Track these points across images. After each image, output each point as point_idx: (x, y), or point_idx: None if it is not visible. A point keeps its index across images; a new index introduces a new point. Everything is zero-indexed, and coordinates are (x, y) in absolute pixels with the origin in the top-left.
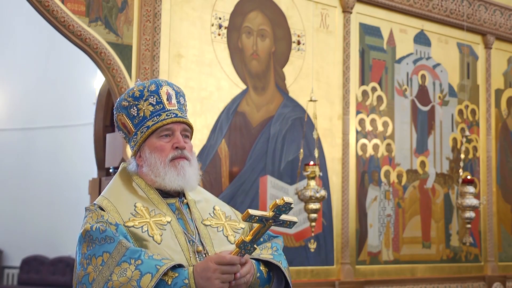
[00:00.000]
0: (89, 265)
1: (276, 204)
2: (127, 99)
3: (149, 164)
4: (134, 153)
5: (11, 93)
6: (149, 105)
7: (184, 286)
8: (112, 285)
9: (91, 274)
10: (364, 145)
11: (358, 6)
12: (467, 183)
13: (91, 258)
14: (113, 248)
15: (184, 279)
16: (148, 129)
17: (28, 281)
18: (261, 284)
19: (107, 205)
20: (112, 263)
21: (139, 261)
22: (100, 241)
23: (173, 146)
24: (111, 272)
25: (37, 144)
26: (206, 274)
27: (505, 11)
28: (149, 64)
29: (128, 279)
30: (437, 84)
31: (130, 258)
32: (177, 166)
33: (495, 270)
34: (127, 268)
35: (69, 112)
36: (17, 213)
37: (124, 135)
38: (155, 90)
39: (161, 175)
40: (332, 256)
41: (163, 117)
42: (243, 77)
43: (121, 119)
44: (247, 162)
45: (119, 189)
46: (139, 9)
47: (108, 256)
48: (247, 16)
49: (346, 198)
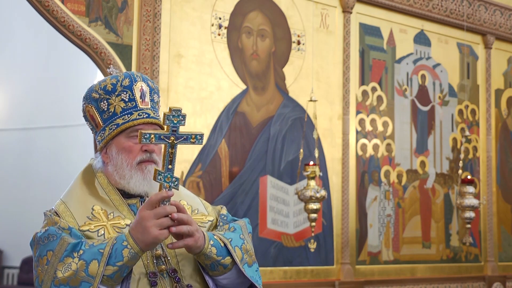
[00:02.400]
0: (38, 267)
1: (164, 114)
2: (98, 91)
3: (115, 164)
4: (100, 148)
5: (11, 93)
6: (120, 101)
7: (125, 248)
8: (60, 282)
9: (40, 276)
10: (364, 145)
11: (358, 6)
12: (467, 183)
13: (38, 259)
14: (56, 245)
15: (123, 242)
16: (117, 127)
17: (28, 281)
18: (219, 253)
19: (63, 210)
20: (55, 260)
21: (81, 251)
22: (44, 241)
23: (142, 148)
24: (55, 269)
25: (37, 144)
26: (141, 225)
27: (505, 11)
28: (149, 64)
29: (75, 272)
30: (437, 84)
31: (72, 252)
32: (144, 170)
33: (495, 270)
34: (71, 262)
35: (69, 112)
36: (17, 213)
37: (91, 127)
38: (129, 86)
39: (126, 178)
40: (332, 256)
41: (135, 117)
42: (243, 77)
43: (90, 111)
44: (247, 162)
45: (78, 191)
46: (139, 9)
47: (52, 254)
48: (247, 16)
49: (346, 198)
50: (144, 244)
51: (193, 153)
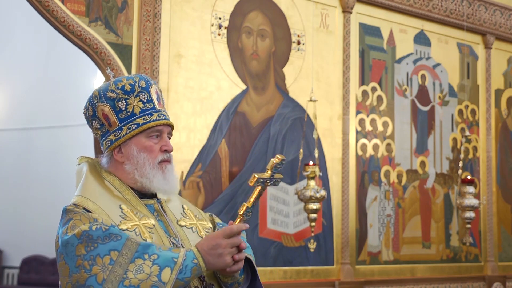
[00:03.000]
0: (93, 265)
1: (274, 163)
2: (116, 91)
3: (135, 162)
4: (113, 147)
5: (11, 93)
6: (139, 102)
7: (195, 266)
8: (130, 283)
9: (99, 275)
10: (364, 145)
11: (358, 6)
12: (467, 183)
13: (94, 258)
14: (121, 245)
15: (193, 260)
16: (138, 127)
17: (28, 281)
18: (241, 273)
19: (93, 208)
20: (124, 261)
21: (155, 256)
22: (104, 240)
23: (162, 148)
24: (126, 269)
25: (37, 144)
26: (217, 251)
27: (505, 11)
28: (149, 64)
29: (148, 275)
30: (437, 84)
31: (143, 253)
32: (164, 170)
33: (495, 270)
34: (143, 264)
35: (69, 112)
36: (17, 213)
37: (100, 126)
38: (146, 88)
39: (149, 176)
40: (332, 256)
41: (155, 118)
42: (243, 77)
43: (104, 109)
44: (247, 162)
45: (98, 189)
46: (139, 9)
47: (118, 254)
48: (247, 16)
49: (346, 198)
50: (213, 267)
51: (193, 153)
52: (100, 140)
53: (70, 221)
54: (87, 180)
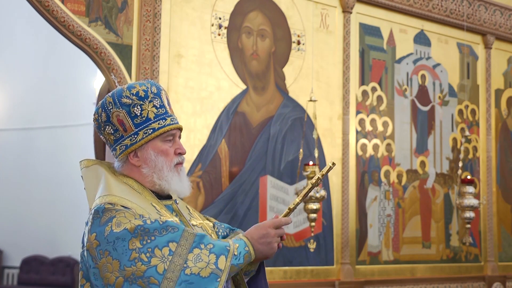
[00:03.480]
0: (152, 257)
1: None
2: (131, 97)
3: (153, 166)
4: (129, 152)
5: (11, 93)
6: (153, 107)
7: (247, 253)
8: (191, 272)
9: (159, 265)
10: (364, 145)
11: (358, 6)
12: (467, 183)
13: (152, 250)
14: (179, 237)
15: (245, 247)
16: (154, 131)
17: (28, 281)
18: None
19: (133, 206)
20: (183, 251)
21: (211, 245)
22: (161, 232)
23: (176, 152)
24: (185, 259)
25: (37, 144)
26: (266, 240)
27: (505, 11)
28: (149, 64)
29: (206, 263)
30: (437, 84)
31: (200, 243)
32: (179, 172)
33: (495, 270)
34: (200, 253)
35: (69, 112)
36: (17, 213)
37: (114, 131)
38: (158, 93)
39: (167, 179)
40: (332, 256)
41: (169, 122)
42: (243, 77)
43: (119, 115)
44: (247, 162)
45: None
46: (139, 9)
47: (176, 245)
48: (247, 16)
49: (346, 198)
50: (263, 255)
51: (193, 153)
52: (113, 145)
53: (113, 218)
54: (110, 181)
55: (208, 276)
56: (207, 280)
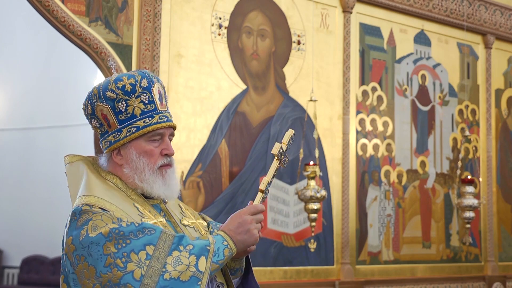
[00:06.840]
0: (128, 262)
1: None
2: (116, 91)
3: (135, 167)
4: (111, 149)
5: (11, 93)
6: (140, 103)
7: (226, 248)
8: (170, 276)
9: (136, 271)
10: (364, 145)
11: (358, 6)
12: (467, 183)
13: (128, 255)
14: (156, 239)
15: (223, 242)
16: (138, 130)
17: (28, 281)
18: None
19: (111, 207)
20: (162, 254)
21: (190, 246)
22: (137, 235)
23: (162, 152)
24: (164, 263)
25: (37, 144)
26: (244, 228)
27: (505, 11)
28: (149, 64)
29: (187, 266)
30: (437, 84)
31: (179, 245)
32: (165, 175)
33: (495, 270)
34: (180, 255)
35: (69, 112)
36: (17, 213)
37: (99, 125)
38: (148, 87)
39: (149, 182)
40: (332, 256)
41: (156, 120)
42: (243, 77)
43: (103, 110)
44: (247, 162)
45: (106, 188)
46: (139, 9)
47: (154, 248)
48: (247, 16)
49: (346, 198)
50: (244, 244)
51: (193, 153)
52: (100, 138)
53: (89, 221)
54: (91, 179)
55: (188, 280)
56: (188, 284)
